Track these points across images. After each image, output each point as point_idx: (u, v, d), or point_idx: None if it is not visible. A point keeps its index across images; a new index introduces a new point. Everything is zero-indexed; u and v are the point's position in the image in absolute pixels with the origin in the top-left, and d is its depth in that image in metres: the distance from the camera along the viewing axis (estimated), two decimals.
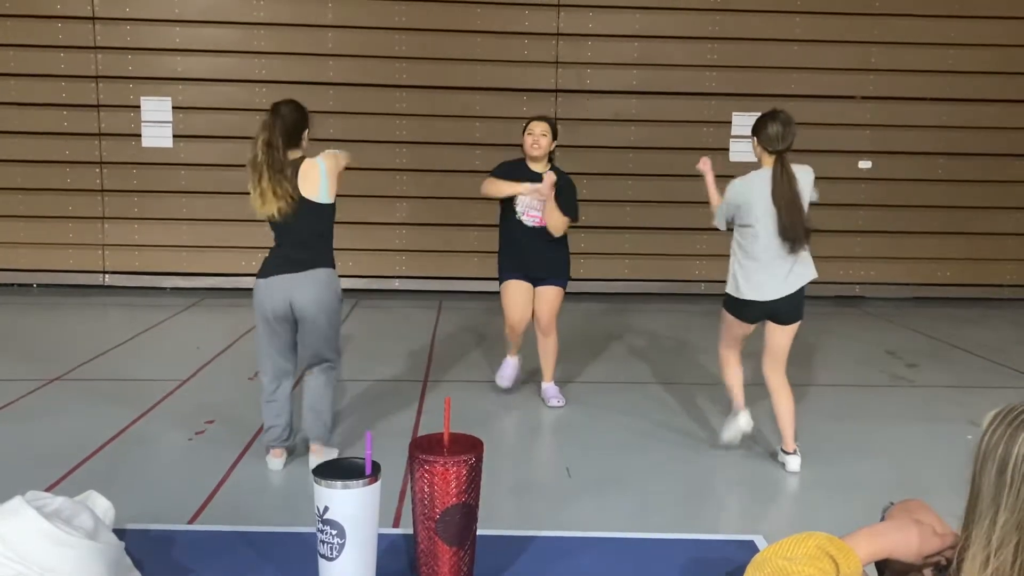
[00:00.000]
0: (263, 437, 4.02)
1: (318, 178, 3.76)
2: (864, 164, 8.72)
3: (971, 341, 6.90)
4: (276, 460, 3.95)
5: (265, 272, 3.81)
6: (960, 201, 8.77)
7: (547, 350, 5.01)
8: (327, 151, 3.93)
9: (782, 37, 8.48)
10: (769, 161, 3.94)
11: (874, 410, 5.10)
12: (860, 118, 8.67)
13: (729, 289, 4.06)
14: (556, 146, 4.88)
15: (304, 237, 3.78)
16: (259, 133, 3.73)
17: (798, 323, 4.05)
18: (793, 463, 4.05)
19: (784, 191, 3.86)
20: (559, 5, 8.36)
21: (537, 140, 4.72)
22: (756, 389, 4.45)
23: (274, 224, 3.80)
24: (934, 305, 8.55)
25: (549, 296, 4.88)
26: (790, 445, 4.09)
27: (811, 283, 4.06)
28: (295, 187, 3.72)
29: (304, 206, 3.74)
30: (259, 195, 3.70)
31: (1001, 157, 8.74)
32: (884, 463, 4.21)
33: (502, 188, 4.72)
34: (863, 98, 8.64)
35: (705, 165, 4.27)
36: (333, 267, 3.88)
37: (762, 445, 4.41)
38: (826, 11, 8.44)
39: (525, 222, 4.75)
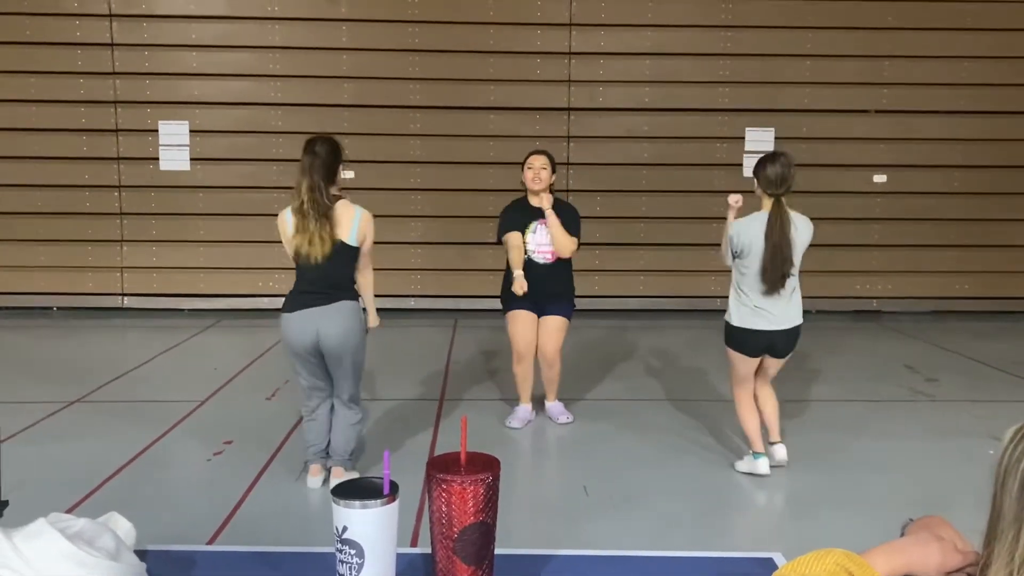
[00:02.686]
0: (305, 455, 4.07)
1: (351, 223, 3.83)
2: (879, 178, 8.69)
3: (990, 355, 6.84)
4: (315, 479, 3.98)
5: (291, 306, 3.85)
6: (977, 214, 8.72)
7: (551, 377, 5.04)
8: (368, 213, 3.94)
9: (794, 52, 8.50)
10: (768, 203, 4.02)
11: (893, 425, 5.06)
12: (874, 132, 8.66)
13: (727, 318, 4.18)
14: (571, 163, 4.91)
15: (329, 274, 3.82)
16: (300, 179, 3.80)
17: (791, 354, 4.22)
18: (780, 451, 4.21)
19: (775, 234, 3.95)
20: (571, 24, 8.42)
21: (538, 174, 4.80)
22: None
23: (303, 261, 3.83)
24: (952, 319, 8.48)
25: (554, 327, 4.89)
26: (776, 435, 4.25)
27: (829, 297, 4.12)
28: (334, 229, 3.80)
29: (334, 246, 3.80)
30: (307, 240, 3.77)
31: (1018, 169, 8.69)
32: (904, 478, 4.17)
33: (514, 258, 4.85)
34: (877, 112, 8.63)
35: (735, 203, 4.23)
36: (357, 300, 3.93)
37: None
38: (838, 26, 8.46)
39: (536, 259, 4.84)
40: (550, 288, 4.86)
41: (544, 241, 4.82)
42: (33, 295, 8.39)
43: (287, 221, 3.85)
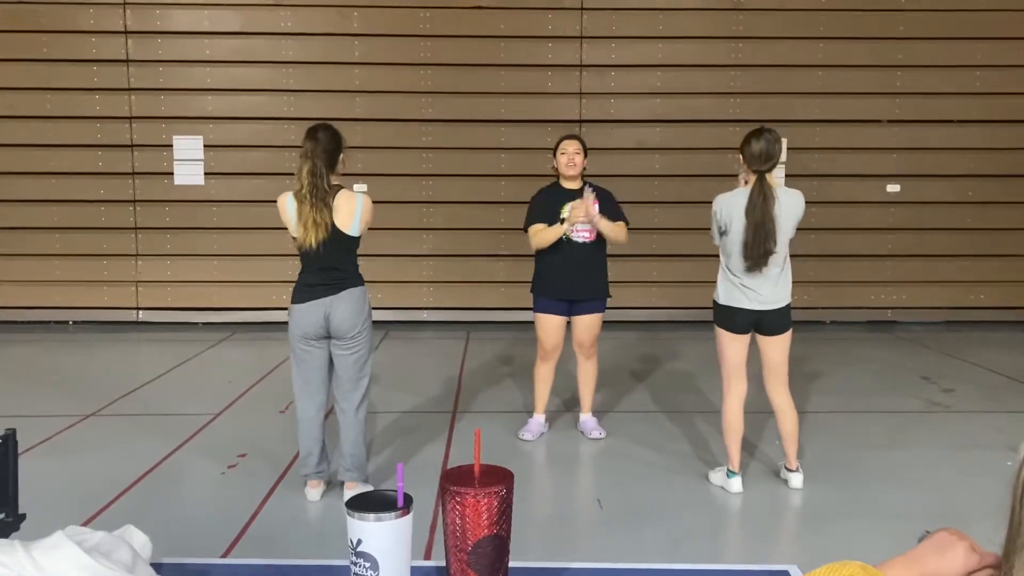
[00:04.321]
0: (300, 468, 4.05)
1: (353, 211, 3.85)
2: (892, 188, 8.66)
3: (1007, 365, 6.78)
4: (313, 491, 3.99)
5: (300, 297, 3.89)
6: (991, 223, 8.67)
7: (587, 376, 4.99)
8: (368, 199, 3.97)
9: (806, 63, 8.49)
10: (752, 180, 3.94)
11: (910, 436, 5.02)
12: (887, 142, 8.63)
13: (715, 296, 4.12)
14: (583, 175, 4.91)
15: (333, 263, 3.86)
16: (302, 163, 3.83)
17: (788, 334, 4.07)
18: (796, 480, 4.15)
19: (757, 212, 3.86)
20: (582, 37, 8.45)
21: (572, 159, 4.74)
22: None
23: (304, 251, 3.86)
24: (968, 329, 8.42)
25: (590, 323, 4.87)
26: (793, 463, 4.18)
27: (843, 308, 4.05)
28: (331, 216, 3.81)
29: (334, 235, 3.82)
30: (302, 225, 3.80)
31: None
32: (920, 490, 4.14)
33: (548, 237, 4.72)
34: (889, 122, 8.60)
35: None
36: (364, 285, 3.96)
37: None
38: (850, 36, 8.45)
39: (575, 239, 4.74)
40: (587, 272, 4.78)
41: (583, 222, 4.72)
42: (49, 309, 8.45)
43: (287, 206, 3.87)
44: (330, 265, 3.85)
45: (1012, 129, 8.59)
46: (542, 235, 4.74)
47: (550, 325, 4.86)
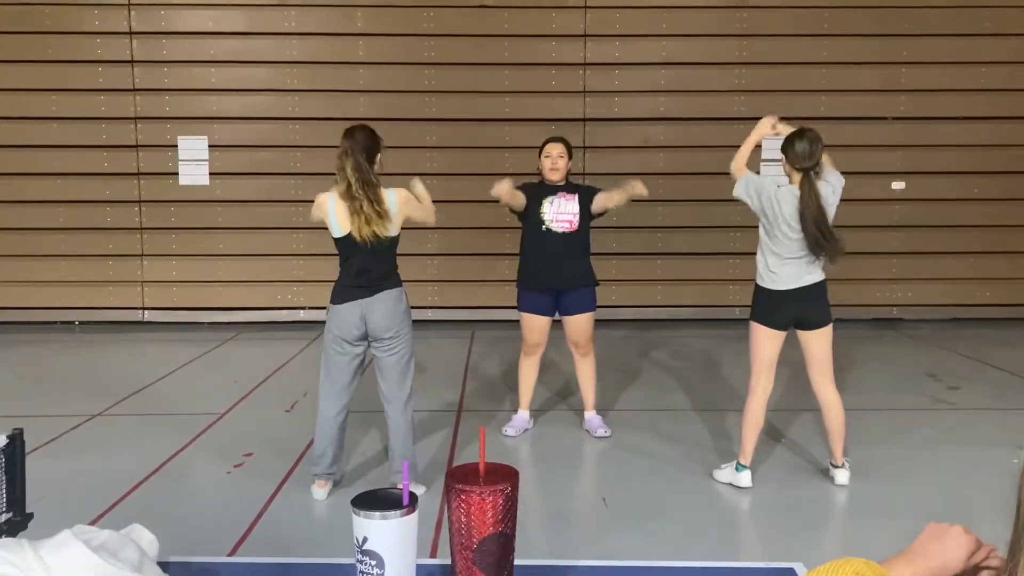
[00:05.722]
0: (311, 468, 4.06)
1: (389, 213, 3.87)
2: (897, 185, 8.64)
3: (1013, 362, 6.77)
4: (320, 490, 4.00)
5: (339, 299, 3.92)
6: (997, 220, 8.64)
7: (586, 373, 4.99)
8: (403, 189, 4.00)
9: (810, 60, 8.48)
10: (797, 178, 4.01)
11: (916, 434, 5.01)
12: (892, 139, 8.61)
13: (759, 281, 4.12)
14: (586, 173, 4.92)
15: (371, 264, 3.89)
16: (343, 162, 3.86)
17: (830, 327, 4.08)
18: (842, 476, 4.14)
19: (812, 210, 3.94)
20: (585, 35, 8.44)
21: (555, 162, 4.77)
22: (785, 413, 4.39)
23: (346, 249, 3.89)
24: (973, 326, 8.40)
25: (581, 323, 4.87)
26: (839, 459, 4.17)
27: (849, 305, 4.04)
28: (384, 207, 3.83)
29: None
30: (363, 220, 3.80)
31: None
32: (926, 488, 4.13)
33: (517, 198, 4.74)
34: (894, 119, 8.58)
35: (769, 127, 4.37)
36: (401, 287, 3.99)
37: (801, 472, 4.35)
38: (854, 33, 8.43)
39: (554, 229, 4.75)
40: (568, 264, 4.76)
41: (562, 211, 4.75)
42: (55, 310, 8.47)
43: (328, 206, 3.88)
44: (369, 268, 3.88)
45: (1017, 125, 8.55)
46: (515, 197, 4.71)
47: (532, 325, 4.89)
